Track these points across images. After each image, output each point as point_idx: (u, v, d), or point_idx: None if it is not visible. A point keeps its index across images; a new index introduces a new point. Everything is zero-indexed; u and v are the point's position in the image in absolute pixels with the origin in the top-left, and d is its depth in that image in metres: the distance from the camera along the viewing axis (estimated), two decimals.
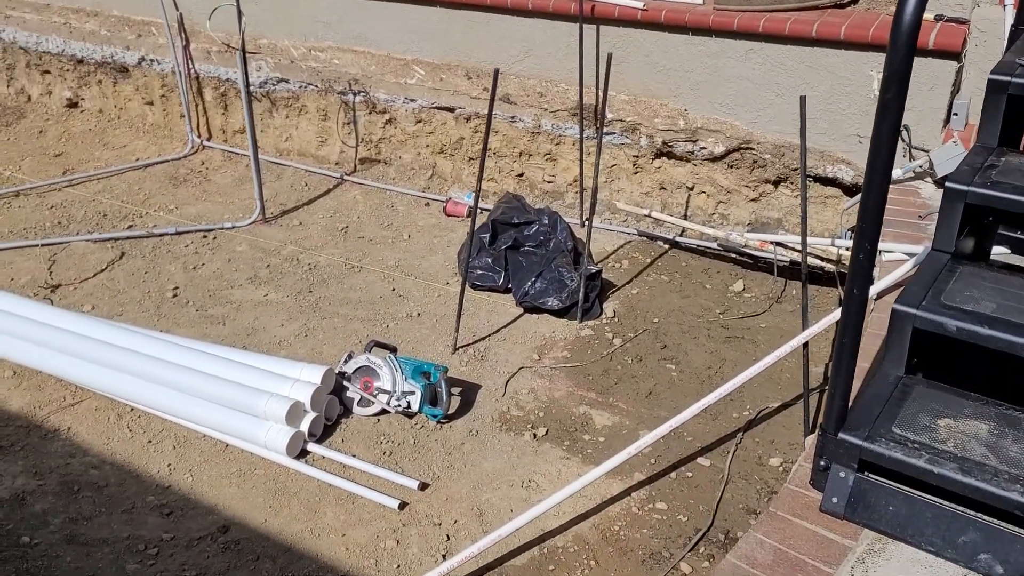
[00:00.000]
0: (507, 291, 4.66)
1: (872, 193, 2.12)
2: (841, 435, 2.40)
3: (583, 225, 5.30)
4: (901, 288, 3.50)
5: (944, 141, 4.24)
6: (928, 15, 4.38)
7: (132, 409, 3.80)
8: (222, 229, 5.42)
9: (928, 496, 2.32)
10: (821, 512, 2.44)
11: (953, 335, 2.45)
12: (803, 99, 3.17)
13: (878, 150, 2.06)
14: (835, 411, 2.41)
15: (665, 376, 4.05)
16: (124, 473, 3.45)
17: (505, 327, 4.43)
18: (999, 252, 3.01)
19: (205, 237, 5.33)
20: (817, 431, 2.51)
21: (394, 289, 4.76)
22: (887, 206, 4.41)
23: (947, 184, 2.75)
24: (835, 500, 2.42)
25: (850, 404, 2.46)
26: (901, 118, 2.02)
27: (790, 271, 4.76)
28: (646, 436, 3.10)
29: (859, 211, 2.18)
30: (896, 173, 4.33)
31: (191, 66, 6.58)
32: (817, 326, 3.38)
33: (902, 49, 1.95)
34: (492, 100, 3.80)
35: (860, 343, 2.34)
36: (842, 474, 2.43)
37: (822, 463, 2.49)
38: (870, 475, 2.42)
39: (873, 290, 3.52)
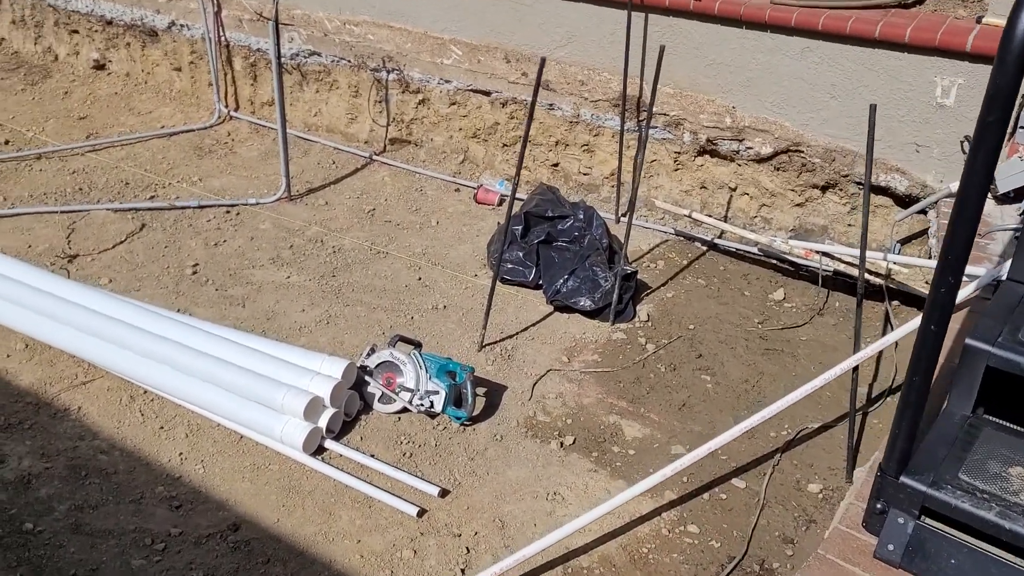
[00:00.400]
0: (537, 287, 4.48)
1: (962, 224, 1.92)
2: (903, 479, 2.22)
3: (618, 221, 5.11)
4: (961, 310, 3.32)
5: (1008, 156, 4.01)
6: (997, 19, 4.14)
7: (145, 392, 3.66)
8: (246, 205, 5.26)
9: (995, 550, 2.15)
10: (875, 559, 2.27)
11: None
12: (873, 108, 2.96)
13: (972, 178, 1.86)
14: (897, 452, 2.23)
15: (700, 387, 3.87)
16: (134, 460, 3.32)
17: (534, 325, 4.25)
18: None
19: (228, 212, 5.18)
20: (876, 471, 2.33)
21: (420, 278, 4.59)
22: (943, 222, 4.19)
23: None
24: (891, 547, 2.25)
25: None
26: (1002, 143, 1.82)
27: (833, 281, 4.56)
28: (683, 457, 2.93)
29: (945, 241, 1.99)
30: (955, 187, 4.10)
31: (222, 33, 6.40)
32: (869, 349, 3.19)
33: (1012, 66, 1.74)
34: (536, 90, 3.60)
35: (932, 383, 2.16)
36: (900, 520, 2.25)
37: (878, 506, 2.32)
38: (930, 521, 2.24)
39: None
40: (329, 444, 3.40)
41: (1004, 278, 2.86)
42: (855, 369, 3.21)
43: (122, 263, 4.61)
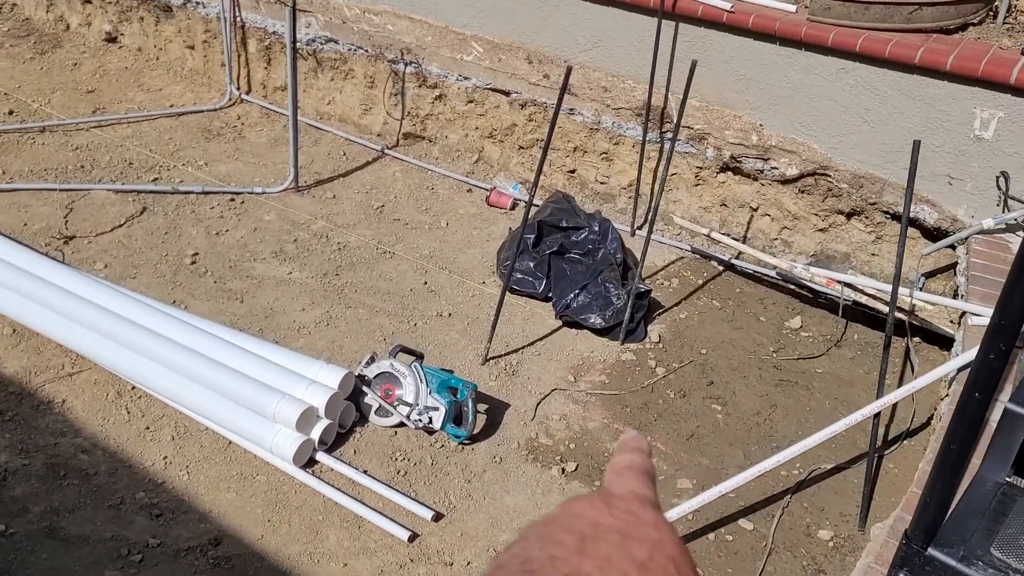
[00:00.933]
0: (546, 300, 4.33)
1: (1020, 287, 1.77)
2: (931, 551, 2.07)
3: (633, 234, 4.95)
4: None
5: None
6: None
7: (133, 388, 3.52)
8: (251, 194, 5.10)
9: None
10: None
11: None
12: (916, 144, 2.80)
13: None
14: (927, 522, 2.08)
15: (710, 418, 3.72)
16: (116, 461, 3.18)
17: (540, 340, 4.10)
18: None
19: (232, 200, 5.02)
20: (901, 538, 2.19)
21: (426, 283, 4.43)
22: (972, 260, 4.00)
23: None
24: None
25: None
26: None
27: (852, 312, 4.39)
28: (692, 500, 2.78)
29: (999, 304, 1.83)
30: (987, 223, 3.95)
31: (237, 14, 6.23)
32: (893, 395, 3.04)
33: None
34: (561, 98, 3.44)
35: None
36: None
37: (901, 575, 2.17)
38: None
39: (955, 363, 3.17)
40: (321, 457, 3.25)
41: None
42: (877, 415, 3.06)
43: (119, 248, 4.46)
